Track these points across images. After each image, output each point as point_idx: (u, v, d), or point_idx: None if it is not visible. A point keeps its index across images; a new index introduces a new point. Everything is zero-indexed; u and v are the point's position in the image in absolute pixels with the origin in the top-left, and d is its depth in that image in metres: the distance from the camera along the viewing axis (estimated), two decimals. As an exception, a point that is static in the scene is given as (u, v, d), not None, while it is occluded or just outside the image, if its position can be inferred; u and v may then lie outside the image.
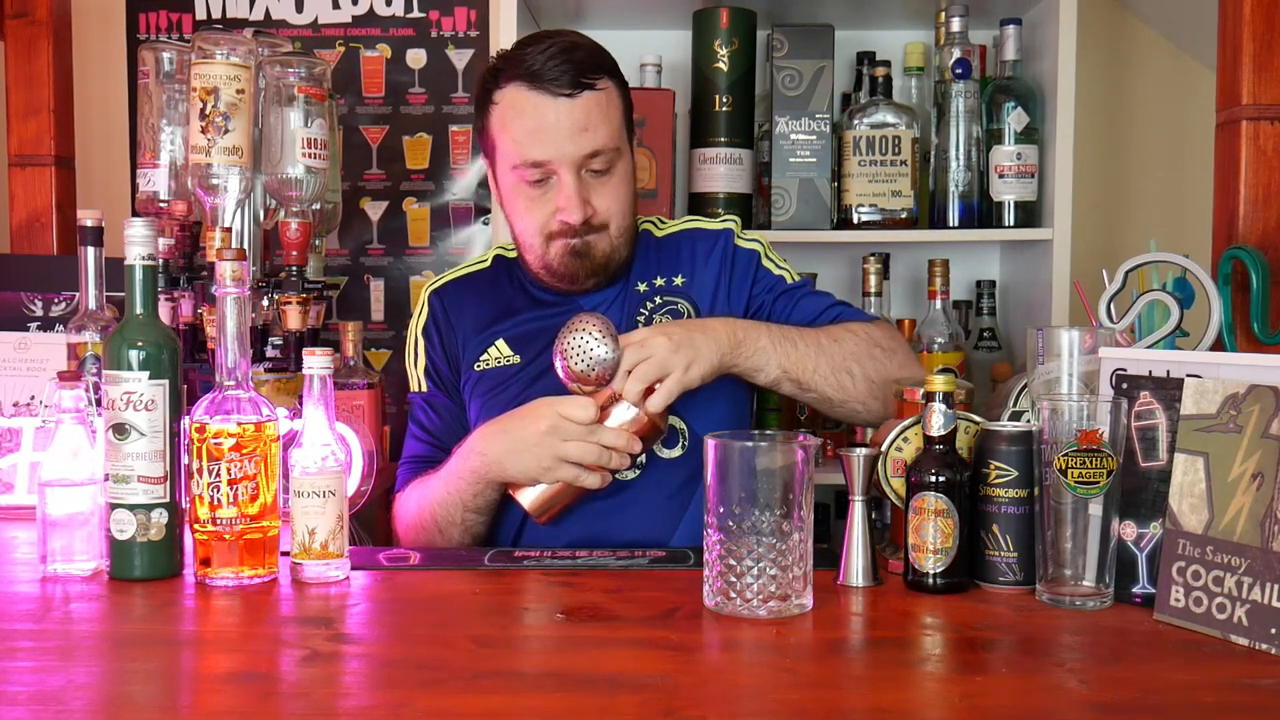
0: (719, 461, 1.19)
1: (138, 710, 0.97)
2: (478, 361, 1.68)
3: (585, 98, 1.56)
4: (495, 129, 1.60)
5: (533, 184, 1.58)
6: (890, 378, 1.56)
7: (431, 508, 1.59)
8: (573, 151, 1.55)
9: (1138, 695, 0.99)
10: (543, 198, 1.59)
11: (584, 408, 1.45)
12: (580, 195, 1.57)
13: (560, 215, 1.58)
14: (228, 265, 1.31)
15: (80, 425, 1.37)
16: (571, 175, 1.56)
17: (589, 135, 1.55)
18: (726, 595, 1.18)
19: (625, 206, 1.63)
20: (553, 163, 1.56)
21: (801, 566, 1.19)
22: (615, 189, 1.61)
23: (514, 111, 1.57)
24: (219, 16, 2.61)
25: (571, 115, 1.55)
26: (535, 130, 1.55)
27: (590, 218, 1.58)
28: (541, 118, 1.55)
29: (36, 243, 2.26)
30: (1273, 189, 1.71)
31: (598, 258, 1.62)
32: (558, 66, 1.55)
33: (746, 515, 1.17)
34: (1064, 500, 1.21)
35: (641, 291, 1.68)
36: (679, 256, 1.71)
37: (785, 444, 1.19)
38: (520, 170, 1.58)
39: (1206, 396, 1.18)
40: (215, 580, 1.30)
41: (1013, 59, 2.28)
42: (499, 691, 1.00)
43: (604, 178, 1.59)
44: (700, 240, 1.72)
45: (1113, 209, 2.60)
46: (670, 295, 1.67)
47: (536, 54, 1.56)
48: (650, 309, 1.66)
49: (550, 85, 1.54)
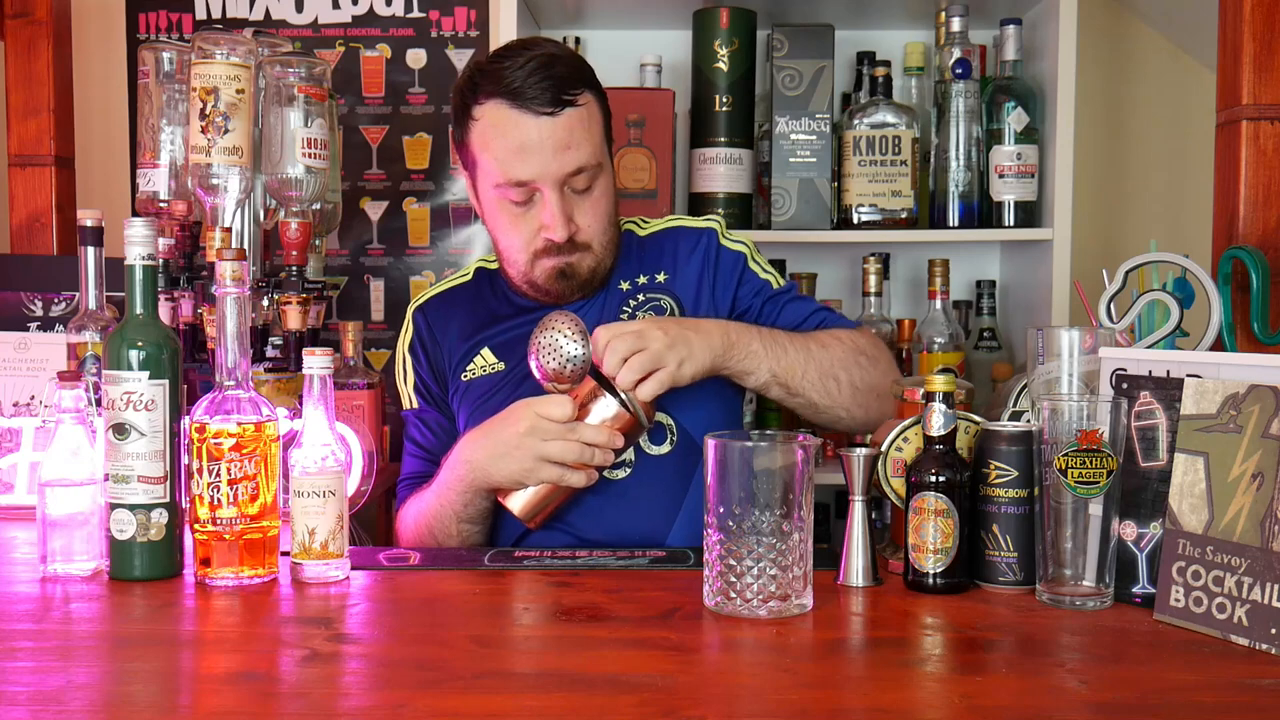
0: (719, 461, 1.19)
1: (138, 710, 0.97)
2: (464, 371, 1.69)
3: (567, 114, 1.54)
4: (476, 146, 1.59)
5: (516, 203, 1.58)
6: (874, 385, 1.58)
7: (427, 522, 1.59)
8: (556, 170, 1.54)
9: (1138, 695, 0.99)
10: (526, 215, 1.58)
11: (560, 405, 1.45)
12: (564, 213, 1.56)
13: (545, 233, 1.57)
14: (228, 265, 1.31)
15: (80, 425, 1.37)
16: (555, 193, 1.55)
17: (572, 153, 1.54)
18: (726, 595, 1.18)
19: (607, 223, 1.63)
20: (536, 181, 1.55)
21: (801, 566, 1.19)
22: (597, 204, 1.60)
23: (495, 130, 1.55)
24: (219, 16, 2.61)
25: (554, 134, 1.53)
26: (518, 149, 1.54)
27: (574, 234, 1.58)
28: (524, 136, 1.53)
29: (36, 243, 2.26)
30: (1273, 189, 1.71)
31: (582, 275, 1.62)
32: (539, 84, 1.53)
33: (746, 515, 1.17)
34: (1064, 500, 1.21)
35: (624, 290, 1.68)
36: (661, 254, 1.71)
37: (785, 444, 1.20)
38: (503, 189, 1.57)
39: (1206, 396, 1.18)
40: (215, 580, 1.30)
41: (1013, 59, 2.28)
42: (499, 691, 1.00)
43: (586, 195, 1.59)
44: (683, 238, 1.72)
45: (1113, 209, 2.60)
46: (653, 292, 1.67)
47: (515, 70, 1.53)
48: (633, 306, 1.66)
49: (532, 104, 1.52)
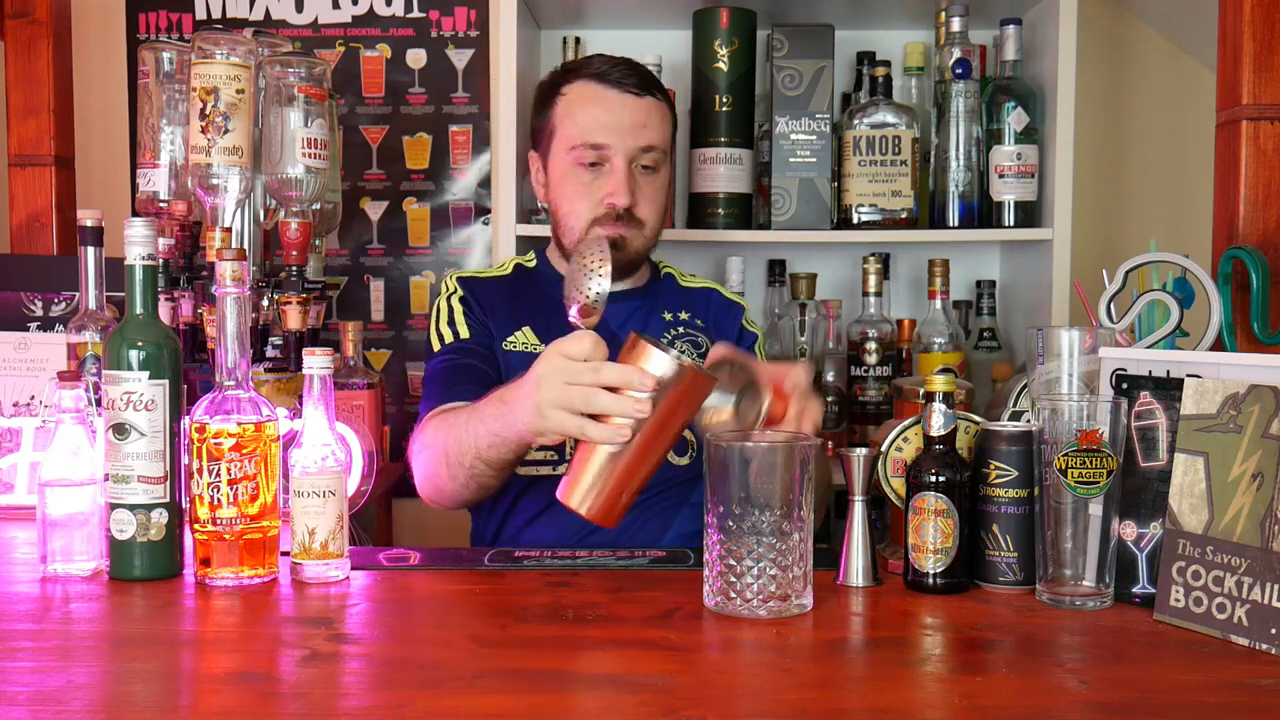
0: (718, 461, 1.19)
1: (138, 710, 0.97)
2: (506, 341, 1.73)
3: (648, 100, 1.71)
4: (558, 116, 1.73)
5: (586, 166, 1.69)
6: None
7: (447, 442, 1.50)
8: (631, 143, 1.68)
9: (1138, 695, 0.99)
10: (593, 182, 1.70)
11: (580, 341, 1.28)
12: (629, 183, 1.68)
13: (609, 198, 1.68)
14: (228, 265, 1.31)
15: (80, 425, 1.37)
16: (624, 163, 1.68)
17: (647, 131, 1.70)
18: (726, 595, 1.18)
19: (660, 211, 1.76)
20: (610, 149, 1.68)
21: (801, 566, 1.19)
22: (656, 191, 1.74)
23: (581, 100, 1.71)
24: (219, 16, 2.61)
25: (634, 112, 1.69)
26: (600, 116, 1.69)
27: (633, 207, 1.69)
28: (607, 107, 1.69)
29: (36, 243, 2.26)
30: (1273, 189, 1.71)
31: (631, 251, 1.72)
32: (625, 71, 1.71)
33: (747, 515, 1.17)
34: (1064, 500, 1.21)
35: (667, 320, 1.80)
36: (696, 306, 1.84)
37: (784, 444, 1.20)
38: (578, 151, 1.69)
39: (1206, 396, 1.18)
40: (215, 580, 1.30)
41: (1013, 59, 2.28)
42: (499, 691, 1.00)
43: (650, 176, 1.72)
44: (717, 300, 1.87)
45: (1113, 209, 2.60)
46: (691, 330, 1.80)
47: (603, 61, 1.73)
48: (673, 335, 1.77)
49: (618, 84, 1.70)
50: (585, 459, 1.26)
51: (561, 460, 1.65)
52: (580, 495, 1.26)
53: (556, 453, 1.64)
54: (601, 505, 1.26)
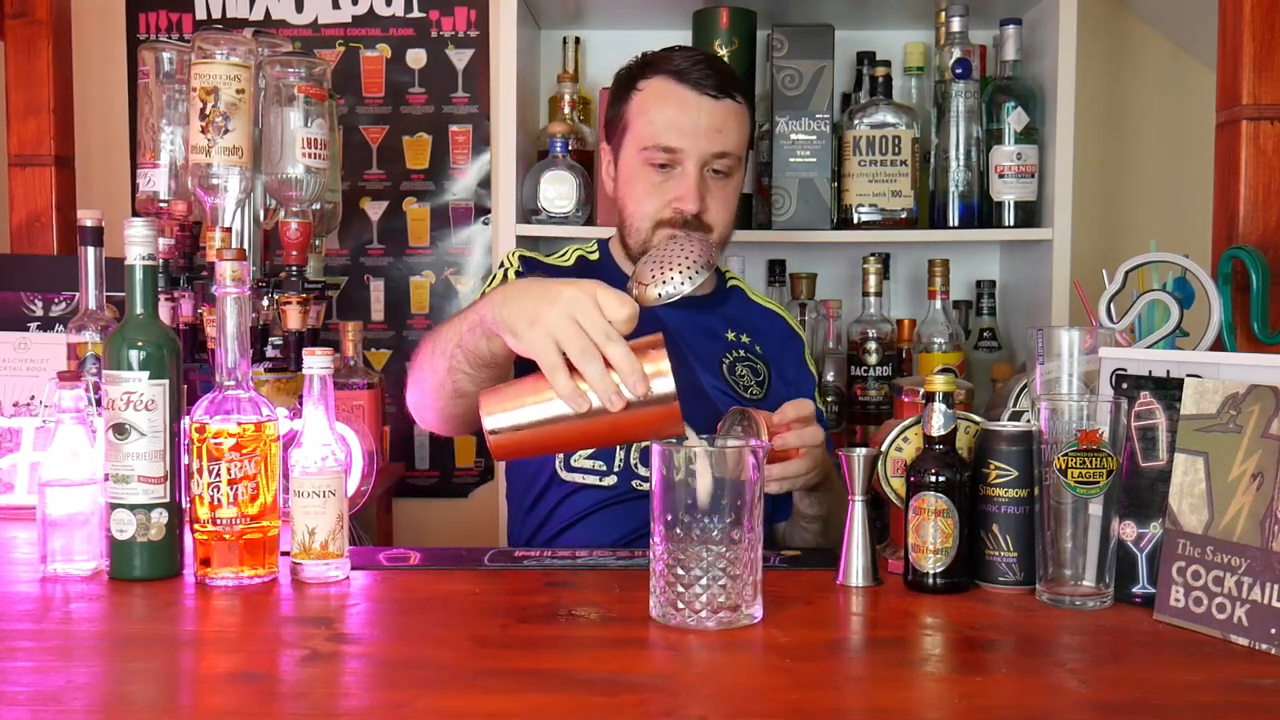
0: (666, 466, 1.14)
1: (138, 710, 0.97)
2: None
3: (725, 104, 1.65)
4: (633, 112, 1.68)
5: (656, 167, 1.65)
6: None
7: (435, 336, 1.44)
8: (705, 147, 1.64)
9: (1138, 695, 0.99)
10: (663, 185, 1.65)
11: (622, 305, 1.19)
12: (699, 189, 1.64)
13: (676, 203, 1.64)
14: (228, 265, 1.31)
15: (80, 425, 1.37)
16: (696, 168, 1.64)
17: (722, 136, 1.65)
18: (674, 605, 1.14)
19: (729, 218, 1.71)
20: (682, 153, 1.64)
21: (752, 575, 1.15)
22: (728, 197, 1.69)
23: (658, 99, 1.66)
24: (219, 16, 2.61)
25: (711, 115, 1.64)
26: (675, 118, 1.64)
27: (702, 213, 1.65)
28: (683, 108, 1.64)
29: (36, 243, 2.26)
30: (1273, 189, 1.71)
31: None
32: (705, 71, 1.65)
33: (695, 522, 1.13)
34: (1064, 500, 1.21)
35: (729, 339, 1.75)
36: (761, 330, 1.80)
37: (735, 448, 1.16)
38: (649, 152, 1.65)
39: (1206, 396, 1.18)
40: (215, 580, 1.30)
41: (1013, 59, 2.28)
42: (499, 691, 1.00)
43: (722, 181, 1.67)
44: (781, 328, 1.83)
45: (1113, 209, 2.60)
46: (752, 355, 1.75)
47: (683, 58, 1.67)
48: (733, 358, 1.73)
49: (697, 85, 1.64)
50: (530, 392, 1.21)
51: (609, 472, 1.64)
52: (499, 417, 1.21)
53: (605, 461, 1.63)
54: (508, 442, 1.22)
